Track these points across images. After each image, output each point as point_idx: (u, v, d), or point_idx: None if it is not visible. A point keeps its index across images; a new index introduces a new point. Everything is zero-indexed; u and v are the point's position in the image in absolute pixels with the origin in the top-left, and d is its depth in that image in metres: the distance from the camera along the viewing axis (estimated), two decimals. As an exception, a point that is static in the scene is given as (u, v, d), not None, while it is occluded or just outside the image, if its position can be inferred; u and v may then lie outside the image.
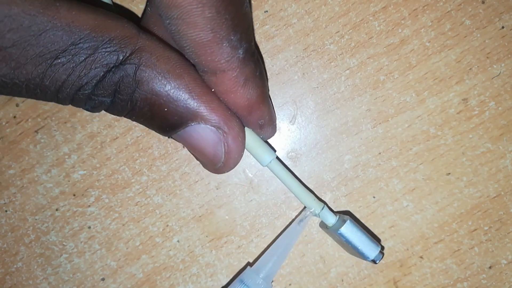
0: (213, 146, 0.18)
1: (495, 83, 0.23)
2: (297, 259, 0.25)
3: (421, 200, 0.24)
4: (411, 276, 0.25)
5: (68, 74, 0.16)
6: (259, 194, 0.25)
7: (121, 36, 0.16)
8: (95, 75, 0.16)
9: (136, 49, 0.16)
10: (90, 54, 0.16)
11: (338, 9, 0.23)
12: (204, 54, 0.17)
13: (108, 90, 0.17)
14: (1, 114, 0.24)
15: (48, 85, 0.16)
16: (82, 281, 0.25)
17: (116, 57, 0.16)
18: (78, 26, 0.16)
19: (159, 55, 0.17)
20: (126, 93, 0.17)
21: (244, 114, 0.19)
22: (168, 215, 0.25)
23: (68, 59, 0.16)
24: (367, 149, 0.24)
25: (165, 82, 0.17)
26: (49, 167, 0.24)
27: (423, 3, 0.23)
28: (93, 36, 0.16)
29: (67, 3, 0.16)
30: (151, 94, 0.17)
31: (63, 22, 0.15)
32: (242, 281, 0.22)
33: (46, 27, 0.15)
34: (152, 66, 0.17)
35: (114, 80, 0.17)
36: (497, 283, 0.24)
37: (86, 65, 0.16)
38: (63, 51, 0.16)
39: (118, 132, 0.24)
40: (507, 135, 0.24)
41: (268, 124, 0.20)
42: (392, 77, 0.23)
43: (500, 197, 0.24)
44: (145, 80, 0.17)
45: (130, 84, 0.17)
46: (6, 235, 0.25)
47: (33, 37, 0.15)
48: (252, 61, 0.18)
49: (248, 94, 0.18)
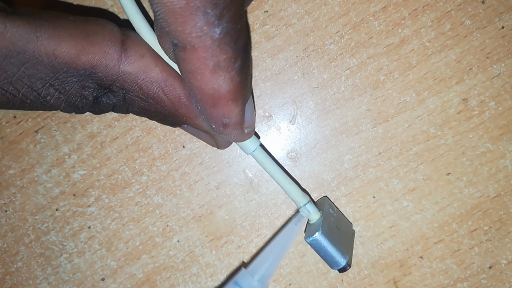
0: (206, 140, 0.21)
1: (495, 83, 0.23)
2: (297, 259, 0.25)
3: (421, 200, 0.24)
4: (411, 276, 0.25)
5: (61, 101, 0.17)
6: (259, 194, 0.25)
7: (104, 66, 0.17)
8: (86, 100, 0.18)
9: (119, 77, 0.17)
10: (76, 82, 0.17)
11: (338, 9, 0.23)
12: (175, 23, 0.15)
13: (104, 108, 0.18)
14: (1, 114, 0.24)
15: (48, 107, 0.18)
16: (82, 281, 0.25)
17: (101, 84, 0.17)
18: (58, 59, 0.16)
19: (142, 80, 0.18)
20: (121, 109, 0.19)
21: (208, 104, 0.17)
22: (168, 215, 0.25)
23: (57, 90, 0.17)
24: (367, 149, 0.24)
25: (151, 103, 0.18)
26: (49, 167, 0.24)
27: (423, 3, 0.23)
28: (74, 69, 0.17)
29: (47, 31, 0.16)
30: (143, 110, 0.19)
31: (44, 55, 0.16)
32: (236, 283, 0.22)
33: (27, 60, 0.16)
34: (136, 92, 0.18)
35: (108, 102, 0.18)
36: (497, 283, 0.24)
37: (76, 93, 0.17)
38: (49, 84, 0.17)
39: (118, 132, 0.24)
40: (507, 135, 0.24)
41: (233, 127, 0.18)
42: (392, 77, 0.23)
43: (500, 197, 0.24)
44: (133, 102, 0.18)
45: (122, 105, 0.18)
46: (6, 235, 0.25)
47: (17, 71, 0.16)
48: (231, 48, 0.16)
49: (215, 83, 0.16)
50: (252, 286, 0.21)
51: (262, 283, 0.22)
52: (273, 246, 0.22)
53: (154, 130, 0.24)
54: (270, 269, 0.22)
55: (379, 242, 0.24)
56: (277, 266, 0.23)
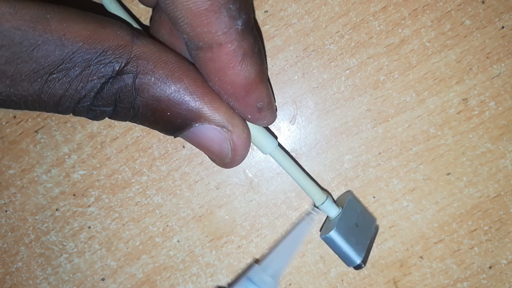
0: (219, 144, 0.18)
1: (495, 83, 0.23)
2: (297, 259, 0.25)
3: (421, 200, 0.24)
4: (411, 276, 0.25)
5: (65, 88, 0.16)
6: (259, 194, 0.25)
7: (115, 46, 0.16)
8: (93, 88, 0.16)
9: (132, 57, 0.16)
10: (85, 67, 0.16)
11: (338, 9, 0.23)
12: (200, 25, 0.16)
13: (108, 100, 0.17)
14: (1, 114, 0.24)
15: (46, 100, 0.16)
16: (82, 281, 0.25)
17: (112, 68, 0.16)
18: (70, 39, 0.15)
19: (156, 60, 0.16)
20: (127, 102, 0.17)
21: (242, 94, 0.18)
22: (168, 215, 0.25)
23: (64, 74, 0.16)
24: (367, 149, 0.24)
25: (164, 87, 0.17)
26: (49, 167, 0.24)
27: (423, 3, 0.23)
28: (86, 49, 0.16)
29: (58, 14, 0.15)
30: (152, 100, 0.17)
31: (55, 35, 0.15)
32: (249, 279, 0.22)
33: (37, 41, 0.15)
34: (150, 72, 0.16)
35: (113, 90, 0.16)
36: (497, 283, 0.24)
37: (83, 79, 0.16)
38: (57, 66, 0.16)
39: (118, 132, 0.24)
40: (507, 135, 0.24)
41: (267, 108, 0.19)
42: (392, 77, 0.23)
43: (500, 197, 0.24)
44: (144, 87, 0.17)
45: (130, 92, 0.17)
46: (6, 235, 0.25)
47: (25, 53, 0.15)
48: (251, 35, 0.17)
49: (246, 72, 0.17)
50: (265, 282, 0.21)
51: (274, 279, 0.22)
52: (285, 243, 0.22)
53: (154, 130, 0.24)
54: (282, 265, 0.22)
55: (379, 242, 0.24)
56: (289, 262, 0.23)
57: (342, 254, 0.22)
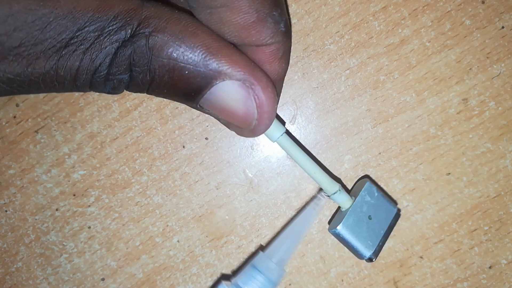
0: (243, 102, 0.17)
1: (495, 83, 0.23)
2: (297, 259, 0.25)
3: (421, 200, 0.24)
4: (411, 276, 0.25)
5: (81, 59, 0.16)
6: (259, 194, 0.25)
7: (125, 10, 0.16)
8: (107, 54, 0.16)
9: (143, 19, 0.16)
10: (98, 35, 0.16)
11: (338, 9, 0.23)
12: (249, 36, 0.17)
13: (123, 66, 0.16)
14: (1, 114, 0.24)
15: (64, 75, 0.16)
16: (82, 281, 0.25)
17: (124, 32, 0.16)
18: (80, 10, 0.15)
19: (168, 18, 0.16)
20: (142, 64, 0.16)
21: None
22: (168, 215, 0.25)
23: (78, 45, 0.16)
24: (367, 149, 0.24)
25: (179, 43, 0.16)
26: (49, 167, 0.24)
27: (423, 3, 0.23)
28: (97, 17, 0.16)
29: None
30: (168, 59, 0.16)
31: (65, 10, 0.15)
32: (254, 266, 0.21)
33: (49, 18, 0.15)
34: (162, 30, 0.16)
35: (127, 53, 0.16)
36: (497, 283, 0.24)
37: (96, 47, 0.16)
38: (71, 39, 0.16)
39: (118, 132, 0.24)
40: (507, 135, 0.24)
41: None
42: (392, 77, 0.23)
43: (500, 197, 0.24)
44: (159, 46, 0.16)
45: (144, 54, 0.16)
46: (6, 235, 0.25)
47: (39, 32, 0.15)
48: (290, 35, 0.19)
49: (280, 68, 0.19)
50: (270, 269, 0.21)
51: (280, 266, 0.21)
52: (291, 229, 0.22)
53: (154, 130, 0.24)
54: (288, 252, 0.21)
55: (379, 242, 0.24)
56: (295, 249, 0.22)
57: (351, 248, 0.21)
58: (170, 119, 0.24)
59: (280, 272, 0.21)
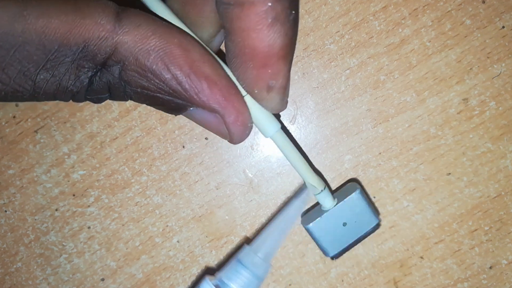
0: (215, 127, 0.18)
1: (496, 83, 0.23)
2: (297, 259, 0.25)
3: (421, 200, 0.24)
4: (412, 277, 0.24)
5: (56, 85, 0.16)
6: (259, 194, 0.25)
7: (97, 38, 0.15)
8: (82, 83, 0.16)
9: (114, 50, 0.16)
10: (70, 62, 0.15)
11: (338, 9, 0.23)
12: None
13: (101, 91, 0.16)
14: (1, 114, 0.24)
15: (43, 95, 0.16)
16: (82, 282, 0.25)
17: (96, 61, 0.16)
18: (49, 37, 0.15)
19: (139, 50, 0.16)
20: (119, 90, 0.17)
21: (258, 65, 0.16)
22: (168, 215, 0.25)
23: (51, 73, 0.15)
24: (367, 149, 0.24)
25: (151, 77, 0.16)
26: (49, 167, 0.24)
27: (424, 3, 0.23)
28: (66, 46, 0.15)
29: (36, 9, 0.15)
30: (142, 89, 0.16)
31: (33, 35, 0.15)
32: (239, 261, 0.20)
33: (17, 43, 0.15)
34: (133, 64, 0.16)
35: (102, 82, 0.16)
36: (498, 283, 0.24)
37: (71, 75, 0.16)
38: (42, 66, 0.15)
39: (117, 132, 0.24)
40: (507, 135, 0.24)
41: (278, 90, 0.17)
42: (393, 77, 0.23)
43: (501, 197, 0.24)
44: (131, 79, 0.16)
45: (118, 84, 0.16)
46: (5, 235, 0.25)
47: (8, 56, 0.15)
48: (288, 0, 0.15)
49: (271, 39, 0.16)
50: (256, 264, 0.20)
51: (266, 261, 0.20)
52: (277, 222, 0.21)
53: (154, 130, 0.24)
54: (275, 246, 0.20)
55: (380, 242, 0.24)
56: (282, 243, 0.22)
57: (317, 244, 0.22)
58: (170, 119, 0.24)
59: (266, 267, 0.20)
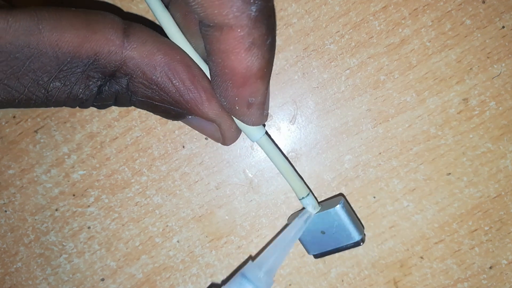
0: (211, 132, 0.20)
1: (496, 83, 0.23)
2: (297, 259, 0.25)
3: (421, 200, 0.24)
4: (412, 277, 0.24)
5: (67, 94, 0.17)
6: (259, 194, 0.25)
7: (106, 52, 0.17)
8: (91, 91, 0.17)
9: (123, 63, 0.17)
10: (81, 73, 0.17)
11: (338, 9, 0.23)
12: (212, 6, 0.15)
13: (108, 99, 0.18)
14: (1, 114, 0.24)
15: (54, 102, 0.17)
16: (82, 282, 0.25)
17: (105, 72, 0.17)
18: (62, 50, 0.16)
19: (146, 64, 0.17)
20: (124, 99, 0.18)
21: (237, 84, 0.17)
22: (168, 215, 0.25)
23: (63, 82, 0.17)
24: (367, 149, 0.24)
25: (155, 89, 0.18)
26: (49, 167, 0.24)
27: (424, 3, 0.23)
28: (78, 58, 0.16)
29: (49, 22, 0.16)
30: (147, 99, 0.18)
31: (47, 46, 0.16)
32: (244, 275, 0.21)
33: (32, 54, 0.16)
34: (140, 77, 0.18)
35: (110, 92, 0.18)
36: (498, 283, 0.24)
37: (81, 85, 0.17)
38: (55, 76, 0.17)
39: (117, 132, 0.24)
40: (507, 135, 0.24)
41: (257, 107, 0.18)
42: (393, 77, 0.23)
43: (501, 197, 0.24)
44: (138, 90, 0.18)
45: (125, 94, 0.18)
46: (5, 235, 0.25)
47: (23, 66, 0.16)
48: (265, 24, 0.16)
49: (249, 61, 0.16)
50: (259, 278, 0.21)
51: (269, 276, 0.22)
52: (280, 240, 0.22)
53: (154, 130, 0.24)
54: (277, 262, 0.22)
55: (380, 242, 0.24)
56: (284, 260, 0.23)
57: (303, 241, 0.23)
58: (170, 119, 0.24)
59: (268, 282, 0.22)
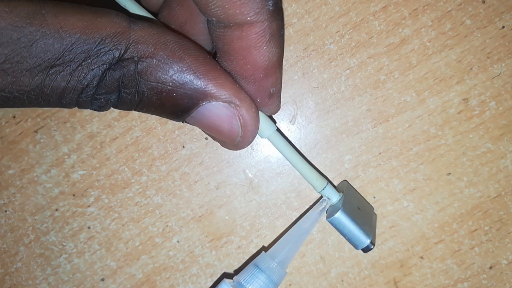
0: (228, 121, 0.18)
1: (496, 83, 0.23)
2: (297, 259, 0.25)
3: (421, 200, 0.24)
4: (412, 277, 0.24)
5: (67, 80, 0.16)
6: (259, 194, 0.25)
7: (113, 33, 0.16)
8: (94, 76, 0.16)
9: (131, 43, 0.16)
10: (85, 57, 0.16)
11: (339, 9, 0.23)
12: (233, 7, 0.16)
13: (111, 87, 0.17)
14: (1, 114, 0.24)
15: (49, 94, 0.16)
16: (82, 282, 0.25)
17: (112, 55, 0.16)
18: (67, 31, 0.16)
19: (156, 42, 0.17)
20: (131, 86, 0.17)
21: (260, 77, 0.18)
22: (168, 215, 0.25)
23: (64, 66, 0.16)
24: (367, 149, 0.24)
25: (167, 68, 0.17)
26: (49, 167, 0.24)
27: (424, 3, 0.23)
28: (84, 39, 0.16)
29: (53, 8, 0.16)
30: (157, 82, 0.17)
31: (52, 29, 0.15)
32: (256, 266, 0.21)
33: (35, 37, 0.15)
34: (150, 55, 0.16)
35: (115, 76, 0.17)
36: (498, 283, 0.24)
37: (83, 69, 0.16)
38: (58, 59, 0.16)
39: (117, 132, 0.24)
40: (507, 135, 0.24)
41: (277, 95, 0.19)
42: (393, 77, 0.23)
43: (501, 197, 0.24)
44: (147, 71, 0.17)
45: (133, 77, 0.17)
46: (5, 235, 0.25)
47: (25, 49, 0.15)
48: (280, 16, 0.17)
49: (270, 53, 0.17)
50: (272, 269, 0.21)
51: (282, 266, 0.21)
52: (294, 231, 0.22)
53: (154, 130, 0.24)
54: (290, 253, 0.22)
55: (380, 242, 0.24)
56: (297, 251, 0.23)
57: (351, 235, 0.21)
58: (170, 119, 0.24)
59: (281, 273, 0.21)
